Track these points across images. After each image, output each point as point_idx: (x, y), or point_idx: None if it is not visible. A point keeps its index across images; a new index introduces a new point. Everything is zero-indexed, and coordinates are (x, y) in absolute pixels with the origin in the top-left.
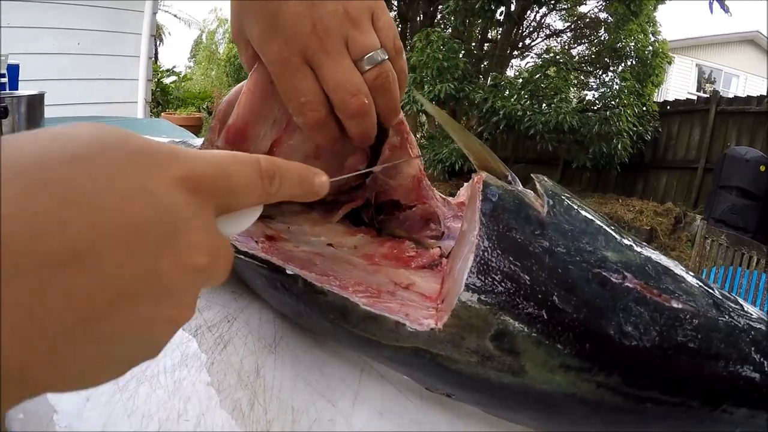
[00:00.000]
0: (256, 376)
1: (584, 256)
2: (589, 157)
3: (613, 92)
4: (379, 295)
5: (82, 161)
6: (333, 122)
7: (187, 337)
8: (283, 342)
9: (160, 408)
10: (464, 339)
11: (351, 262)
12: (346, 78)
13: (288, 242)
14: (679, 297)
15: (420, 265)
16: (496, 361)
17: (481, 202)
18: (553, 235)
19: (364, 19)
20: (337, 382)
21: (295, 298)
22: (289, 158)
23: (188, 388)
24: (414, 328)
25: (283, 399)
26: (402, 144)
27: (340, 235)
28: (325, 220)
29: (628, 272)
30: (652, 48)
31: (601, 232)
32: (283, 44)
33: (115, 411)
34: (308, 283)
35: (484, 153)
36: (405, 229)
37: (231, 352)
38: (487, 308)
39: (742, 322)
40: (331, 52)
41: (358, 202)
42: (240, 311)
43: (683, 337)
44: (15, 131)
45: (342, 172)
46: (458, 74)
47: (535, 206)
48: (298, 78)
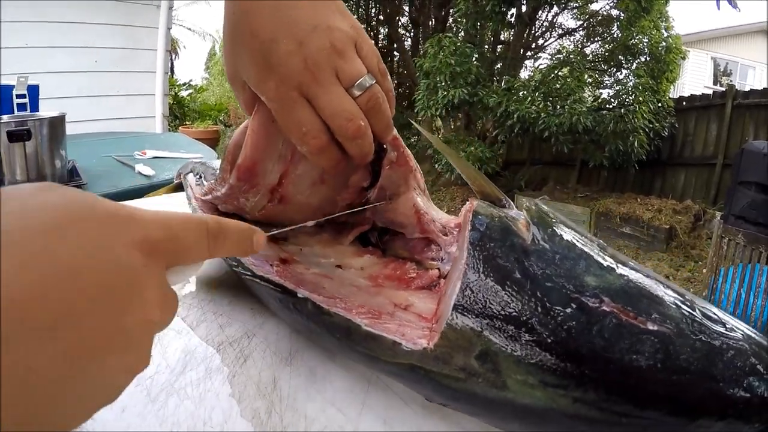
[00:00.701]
0: (273, 387)
1: (563, 281)
2: (605, 155)
3: (628, 90)
4: (380, 316)
5: (57, 232)
6: (334, 146)
7: (211, 352)
8: (298, 356)
9: (187, 417)
10: (453, 357)
11: (356, 284)
12: (341, 105)
13: (300, 264)
14: (656, 319)
15: (419, 286)
16: (481, 377)
17: (469, 231)
18: (536, 262)
19: (349, 50)
20: (346, 393)
21: (306, 317)
22: (297, 186)
23: (212, 398)
24: (409, 347)
25: (297, 408)
26: (399, 158)
27: (348, 257)
28: (335, 241)
29: (606, 296)
30: (666, 44)
31: (583, 257)
32: (279, 82)
33: (147, 420)
34: (317, 305)
35: (479, 178)
36: (408, 250)
37: (251, 365)
38: (471, 330)
39: (719, 342)
40: (324, 84)
41: (366, 226)
42: (259, 327)
43: (657, 357)
44: (38, 152)
45: (345, 191)
46: (471, 79)
47: (521, 233)
48: (297, 111)
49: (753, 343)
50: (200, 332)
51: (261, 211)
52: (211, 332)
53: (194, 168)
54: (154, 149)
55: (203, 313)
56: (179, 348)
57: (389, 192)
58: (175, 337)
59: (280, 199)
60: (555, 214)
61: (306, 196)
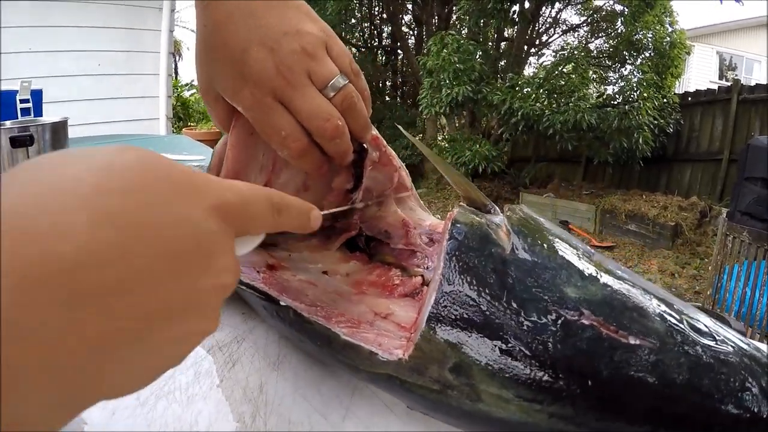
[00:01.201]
0: (260, 391)
1: (542, 292)
2: (609, 152)
3: (632, 86)
4: (359, 326)
5: (136, 194)
6: (315, 148)
7: (201, 356)
8: (286, 361)
9: (175, 420)
10: (427, 369)
11: (339, 291)
12: (317, 106)
13: (287, 271)
14: (638, 333)
15: (402, 294)
16: (455, 389)
17: (447, 241)
18: (514, 272)
19: (320, 52)
20: (332, 398)
21: (288, 325)
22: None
23: (200, 402)
24: (385, 357)
25: (282, 413)
26: (381, 158)
27: (335, 262)
28: (323, 246)
29: (586, 308)
30: (670, 39)
31: (565, 267)
32: (254, 89)
33: (137, 423)
34: (298, 313)
35: (464, 184)
36: (394, 256)
37: (239, 369)
38: (446, 342)
39: (706, 356)
40: (298, 87)
41: (353, 232)
42: (249, 332)
43: (638, 373)
44: None
45: (330, 195)
46: (475, 76)
47: (501, 242)
48: (274, 116)
49: (745, 357)
50: None
51: None
52: None
53: None
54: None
55: None
56: None
57: (375, 193)
58: None
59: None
60: (538, 220)
61: None
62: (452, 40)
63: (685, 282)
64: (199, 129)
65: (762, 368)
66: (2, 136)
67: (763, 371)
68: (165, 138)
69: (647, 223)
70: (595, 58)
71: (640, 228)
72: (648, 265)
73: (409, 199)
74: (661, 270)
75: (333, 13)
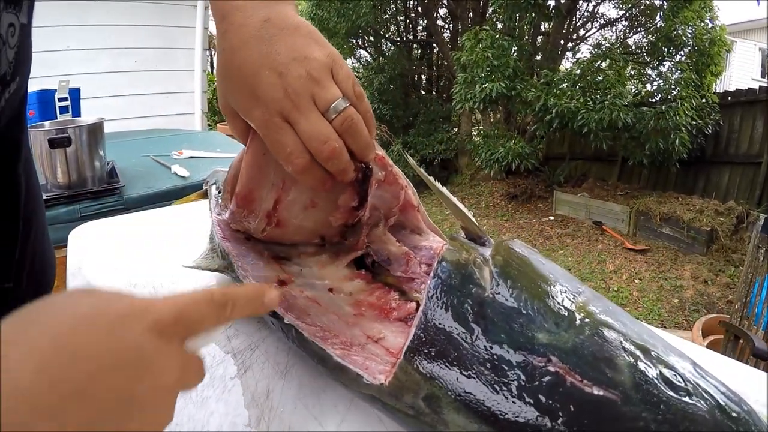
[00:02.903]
0: (266, 397)
1: (514, 336)
2: (645, 153)
3: (670, 84)
4: (351, 348)
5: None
6: (317, 166)
7: (218, 361)
8: (293, 370)
9: (189, 419)
10: (403, 396)
11: (339, 312)
12: (317, 129)
13: (296, 287)
14: (603, 384)
15: (397, 318)
16: (427, 416)
17: (431, 278)
18: (490, 313)
19: (324, 77)
20: (330, 407)
21: (291, 340)
22: (291, 211)
23: (212, 404)
24: (369, 381)
25: (284, 418)
26: (387, 177)
27: (341, 280)
28: (332, 261)
29: (555, 355)
30: (710, 35)
31: (541, 313)
32: (264, 110)
33: None
34: (299, 333)
35: (463, 216)
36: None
37: (249, 376)
38: (419, 374)
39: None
40: (303, 110)
41: (360, 251)
42: (262, 340)
43: (596, 423)
44: (78, 157)
45: (336, 212)
46: (509, 72)
47: (483, 282)
48: (281, 134)
49: (719, 412)
50: None
51: (263, 233)
52: (219, 342)
53: (219, 179)
54: (191, 149)
55: None
56: None
57: (383, 210)
58: None
59: (276, 223)
60: (528, 258)
61: (300, 219)
62: (486, 36)
63: (717, 290)
64: None
65: (737, 425)
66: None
67: (736, 428)
68: (199, 134)
69: (682, 227)
70: (633, 54)
71: (674, 232)
72: (681, 271)
73: (415, 218)
74: (694, 276)
75: (367, 7)
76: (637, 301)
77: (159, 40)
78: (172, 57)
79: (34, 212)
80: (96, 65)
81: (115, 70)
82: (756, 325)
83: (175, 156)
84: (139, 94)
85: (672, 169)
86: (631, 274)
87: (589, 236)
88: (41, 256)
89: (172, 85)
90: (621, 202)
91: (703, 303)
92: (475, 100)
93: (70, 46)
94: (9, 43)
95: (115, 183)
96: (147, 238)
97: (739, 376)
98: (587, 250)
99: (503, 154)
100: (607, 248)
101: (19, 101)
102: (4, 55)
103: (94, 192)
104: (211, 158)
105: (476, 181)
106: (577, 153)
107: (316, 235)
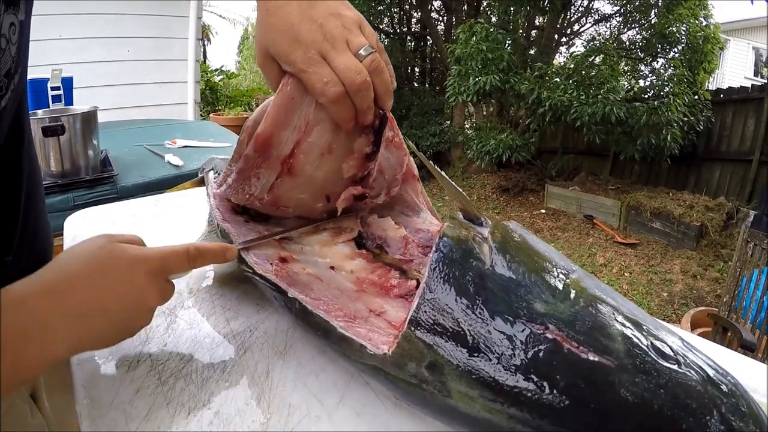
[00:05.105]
0: (266, 377)
1: (512, 306)
2: (637, 148)
3: (663, 80)
4: (354, 320)
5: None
6: (348, 98)
7: (217, 343)
8: (292, 350)
9: (190, 399)
10: (406, 365)
11: (341, 287)
12: (351, 63)
13: (297, 263)
14: (598, 351)
15: (397, 294)
16: (429, 384)
17: (433, 252)
18: (490, 285)
19: (355, 28)
20: (329, 386)
21: (294, 314)
22: (308, 156)
23: (213, 384)
24: (372, 351)
25: (284, 397)
26: (394, 139)
27: (342, 259)
28: (332, 240)
29: (552, 323)
30: (704, 33)
31: (538, 285)
32: (305, 49)
33: (157, 400)
34: (303, 305)
35: (460, 197)
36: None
37: (249, 356)
38: (423, 343)
39: (664, 380)
40: (338, 49)
41: (356, 230)
42: (261, 322)
43: (593, 387)
44: (72, 145)
45: (350, 158)
46: (503, 65)
47: (482, 257)
48: (320, 67)
49: (709, 384)
50: (209, 324)
51: (269, 193)
52: (219, 325)
53: (216, 165)
54: (184, 138)
55: (213, 307)
56: (189, 338)
57: (387, 176)
58: (187, 328)
59: (289, 169)
60: (524, 237)
61: (314, 168)
62: (481, 29)
63: (707, 284)
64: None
65: (724, 396)
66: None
67: (724, 399)
68: (192, 124)
69: (672, 222)
70: (627, 50)
71: (664, 226)
72: (670, 265)
73: (415, 189)
74: (683, 271)
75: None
76: (627, 294)
77: (152, 29)
78: (165, 47)
79: (36, 192)
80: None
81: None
82: (744, 318)
83: (168, 145)
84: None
85: (663, 164)
86: (621, 267)
87: (580, 230)
88: (42, 234)
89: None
90: (612, 196)
91: (692, 297)
92: (468, 93)
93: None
94: (11, 41)
95: (109, 172)
96: (142, 224)
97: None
98: (578, 243)
99: (495, 146)
100: (598, 242)
101: (21, 89)
102: (8, 53)
103: (87, 181)
104: (204, 147)
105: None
106: (570, 147)
107: (322, 196)
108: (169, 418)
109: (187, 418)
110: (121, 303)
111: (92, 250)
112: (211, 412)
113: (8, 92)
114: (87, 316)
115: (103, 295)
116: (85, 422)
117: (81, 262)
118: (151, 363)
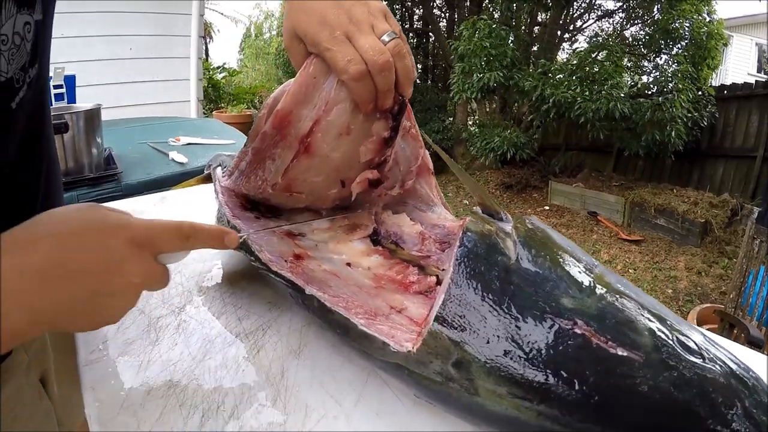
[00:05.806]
0: (281, 377)
1: (540, 301)
2: (641, 144)
3: (666, 76)
4: (375, 317)
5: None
6: (369, 78)
7: (229, 342)
8: (306, 349)
9: (204, 400)
10: (432, 362)
11: (360, 284)
12: (375, 43)
13: (313, 260)
14: (627, 345)
15: (417, 291)
16: (456, 382)
17: (457, 248)
18: (516, 280)
19: (380, 16)
20: (346, 385)
21: (312, 312)
22: (326, 136)
23: (227, 385)
24: (396, 348)
25: (300, 397)
26: (411, 130)
27: (358, 256)
28: (347, 237)
29: (580, 319)
30: (707, 29)
31: (564, 279)
32: (332, 30)
33: (170, 402)
34: (321, 303)
35: (480, 192)
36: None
37: (263, 356)
38: (449, 340)
39: (690, 374)
40: (364, 32)
41: (371, 227)
42: (273, 320)
43: (622, 381)
44: (75, 143)
45: (368, 141)
46: (507, 62)
47: (507, 251)
48: (344, 46)
49: (732, 377)
50: (220, 324)
51: (283, 176)
52: (230, 324)
53: (223, 161)
54: (188, 135)
55: (224, 306)
56: (201, 338)
57: (402, 168)
58: (198, 327)
59: (306, 148)
60: (546, 232)
61: (331, 147)
62: (484, 25)
63: (711, 281)
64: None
65: (747, 390)
66: None
67: (748, 393)
68: (196, 121)
69: (676, 219)
70: (630, 46)
71: (669, 223)
72: (675, 261)
73: (429, 183)
74: (687, 268)
75: None
76: None
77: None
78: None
79: (55, 178)
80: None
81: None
82: (750, 314)
83: (172, 142)
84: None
85: (667, 160)
86: (625, 264)
87: (584, 226)
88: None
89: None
90: (616, 192)
91: (697, 294)
92: (472, 90)
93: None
94: (27, 38)
95: (113, 169)
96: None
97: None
98: (582, 240)
99: (499, 143)
100: (602, 238)
101: (42, 83)
102: (23, 49)
103: (91, 179)
104: (208, 144)
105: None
106: (573, 144)
107: (337, 180)
108: (183, 421)
109: (201, 421)
110: (92, 268)
111: (70, 210)
112: (226, 414)
113: (25, 84)
114: (51, 280)
115: (72, 256)
116: (94, 425)
117: (55, 221)
118: (162, 363)
